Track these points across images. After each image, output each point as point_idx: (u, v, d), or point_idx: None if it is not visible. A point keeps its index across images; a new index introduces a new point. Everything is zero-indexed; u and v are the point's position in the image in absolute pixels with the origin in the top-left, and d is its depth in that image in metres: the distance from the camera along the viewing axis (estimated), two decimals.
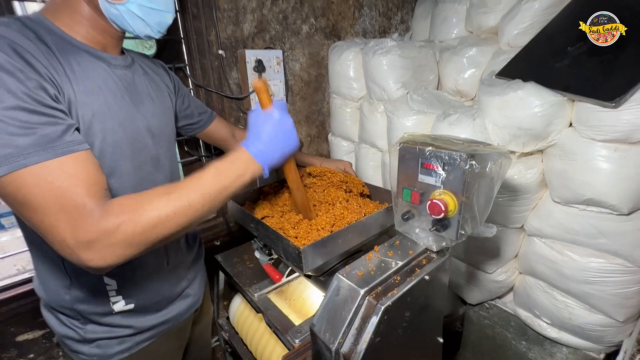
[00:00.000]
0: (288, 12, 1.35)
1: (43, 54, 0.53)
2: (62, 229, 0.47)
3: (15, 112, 0.46)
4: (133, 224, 0.49)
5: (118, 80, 0.65)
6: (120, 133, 0.61)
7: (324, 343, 0.67)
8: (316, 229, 0.77)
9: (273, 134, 0.67)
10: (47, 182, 0.47)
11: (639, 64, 0.78)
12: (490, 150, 0.67)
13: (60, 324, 0.69)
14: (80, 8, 0.61)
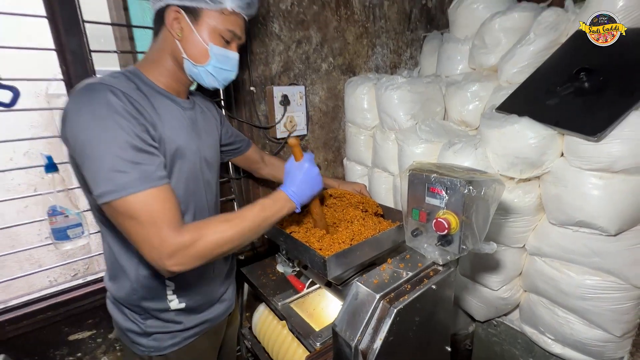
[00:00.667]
0: (310, 53, 1.55)
1: (143, 100, 0.70)
2: (154, 242, 0.62)
3: (126, 149, 0.62)
4: (204, 243, 0.65)
5: (188, 119, 0.82)
6: (189, 163, 0.78)
7: (344, 340, 0.78)
8: (337, 243, 0.90)
9: (304, 180, 0.85)
10: (147, 205, 0.62)
11: (616, 106, 0.90)
12: (486, 177, 0.80)
13: (125, 319, 0.83)
14: (168, 64, 0.79)
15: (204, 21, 0.76)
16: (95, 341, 1.21)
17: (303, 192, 0.85)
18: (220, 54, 0.79)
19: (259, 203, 0.79)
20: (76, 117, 0.65)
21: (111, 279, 0.83)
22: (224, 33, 0.78)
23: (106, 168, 0.61)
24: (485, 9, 1.53)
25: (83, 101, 0.65)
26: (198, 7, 0.74)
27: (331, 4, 1.56)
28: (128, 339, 0.84)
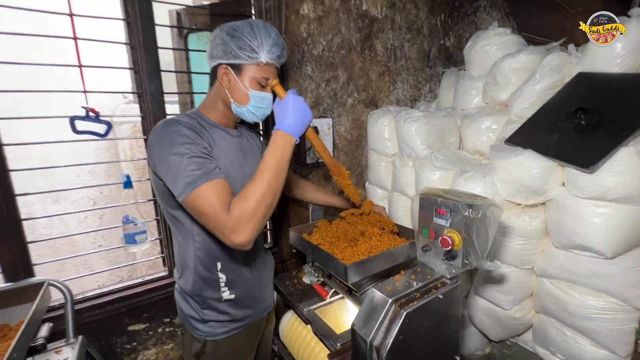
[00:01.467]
0: (337, 90, 1.77)
1: (202, 131, 0.93)
2: (221, 222, 0.80)
3: (194, 158, 0.84)
4: (247, 208, 0.81)
5: (236, 144, 1.04)
6: (238, 180, 0.98)
7: (361, 337, 0.92)
8: (357, 254, 1.05)
9: (292, 113, 0.93)
10: (210, 192, 0.81)
11: (607, 142, 1.02)
12: (485, 202, 0.94)
13: (188, 307, 1.02)
14: (220, 106, 1.03)
15: (245, 73, 0.99)
16: (148, 333, 1.41)
17: (295, 123, 0.93)
18: (257, 96, 1.01)
19: (266, 153, 0.90)
20: (158, 143, 0.88)
21: (179, 274, 1.04)
22: (260, 80, 1.00)
23: (180, 175, 0.83)
24: (497, 50, 1.69)
25: (163, 132, 0.89)
26: (241, 63, 0.98)
27: (357, 48, 1.80)
28: (189, 324, 1.03)
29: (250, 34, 0.96)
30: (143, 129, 1.38)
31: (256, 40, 0.96)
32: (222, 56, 0.97)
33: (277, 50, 0.99)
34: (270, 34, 0.98)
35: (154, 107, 1.30)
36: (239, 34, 0.96)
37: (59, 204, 2.68)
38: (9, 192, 1.11)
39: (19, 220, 1.15)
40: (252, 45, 0.95)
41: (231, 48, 0.96)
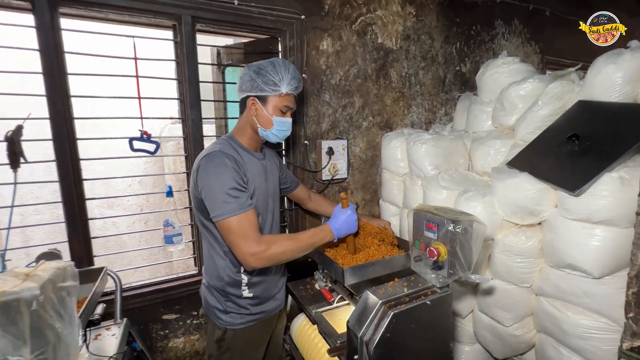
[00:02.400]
0: (353, 114, 1.95)
1: (238, 157, 1.14)
2: (243, 247, 1.02)
3: (232, 190, 1.05)
4: (272, 251, 1.04)
5: (261, 166, 1.25)
6: (262, 197, 1.19)
7: (354, 333, 1.04)
8: (355, 260, 1.19)
9: (344, 222, 1.22)
10: (239, 223, 1.03)
11: (593, 167, 1.09)
12: (469, 218, 1.05)
13: (214, 299, 1.22)
14: (249, 131, 1.24)
15: (269, 103, 1.20)
16: (178, 323, 1.63)
17: (341, 229, 1.22)
18: (279, 121, 1.21)
19: (311, 230, 1.18)
20: (205, 172, 1.10)
21: (208, 272, 1.24)
22: (282, 108, 1.21)
23: (219, 200, 1.04)
24: (506, 77, 1.79)
25: (209, 162, 1.11)
26: (265, 95, 1.19)
27: (372, 76, 1.98)
28: (213, 314, 1.23)
29: (273, 71, 1.18)
30: (184, 148, 1.65)
31: (277, 75, 1.18)
32: (250, 90, 1.20)
33: (295, 82, 1.21)
34: (288, 70, 1.20)
35: (193, 130, 1.56)
36: (263, 72, 1.18)
37: (113, 209, 3.09)
38: (81, 197, 1.41)
39: (87, 219, 1.43)
40: (274, 80, 1.17)
41: (257, 83, 1.18)
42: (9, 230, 1.29)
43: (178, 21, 1.48)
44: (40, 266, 0.67)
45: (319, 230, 1.18)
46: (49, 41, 1.26)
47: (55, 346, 0.61)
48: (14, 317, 0.56)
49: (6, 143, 1.24)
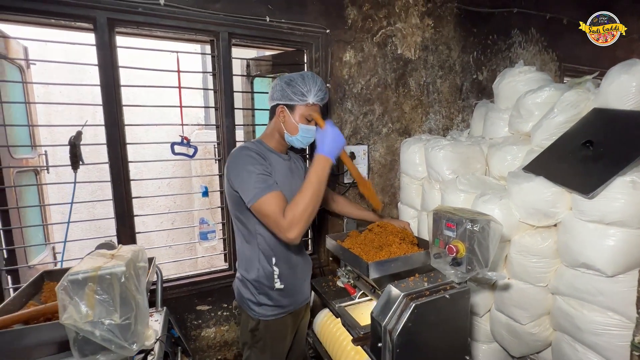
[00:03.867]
0: (373, 121, 2.06)
1: (264, 155, 1.27)
2: (279, 222, 1.11)
3: (260, 175, 1.17)
4: (297, 213, 1.11)
5: (286, 167, 1.37)
6: (287, 194, 1.29)
7: (377, 322, 1.14)
8: (379, 257, 1.29)
9: (331, 140, 1.22)
10: (270, 201, 1.13)
11: (606, 171, 1.15)
12: (485, 218, 1.13)
13: (247, 292, 1.33)
14: (276, 136, 1.37)
15: (296, 111, 1.32)
16: (210, 314, 1.76)
17: (332, 148, 1.22)
18: (304, 128, 1.33)
19: (310, 172, 1.19)
20: (234, 163, 1.23)
21: (243, 266, 1.36)
22: (307, 116, 1.32)
23: (250, 185, 1.16)
24: (523, 86, 1.85)
25: (239, 155, 1.24)
26: (294, 104, 1.31)
27: (392, 85, 2.08)
28: (247, 306, 1.34)
29: (302, 82, 1.30)
30: (218, 152, 1.79)
31: (306, 87, 1.30)
32: (281, 99, 1.33)
33: (321, 94, 1.32)
34: (316, 82, 1.32)
35: (227, 135, 1.70)
36: (293, 83, 1.31)
37: (143, 210, 3.29)
38: (129, 196, 1.56)
39: (133, 216, 1.59)
40: (302, 91, 1.29)
41: (287, 93, 1.31)
42: (68, 225, 1.45)
43: (216, 37, 1.63)
44: (121, 249, 0.80)
45: (314, 165, 1.20)
46: (107, 57, 1.43)
47: (136, 314, 0.73)
48: (107, 288, 0.69)
49: (69, 147, 1.41)
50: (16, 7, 1.29)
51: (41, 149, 1.79)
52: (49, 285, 1.13)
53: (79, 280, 0.67)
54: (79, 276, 0.67)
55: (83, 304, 0.66)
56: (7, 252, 1.45)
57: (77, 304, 0.66)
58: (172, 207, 3.41)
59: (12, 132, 1.57)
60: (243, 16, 1.63)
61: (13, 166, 1.52)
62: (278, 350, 1.36)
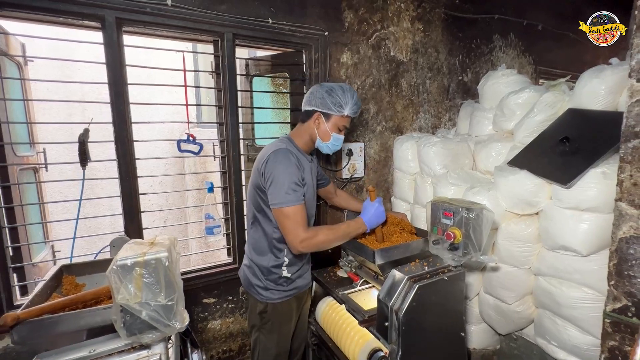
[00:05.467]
0: (368, 119, 2.17)
1: (298, 160, 1.34)
2: (295, 234, 1.21)
3: (293, 185, 1.25)
4: (317, 239, 1.24)
5: (310, 168, 1.45)
6: (311, 193, 1.39)
7: (384, 303, 1.24)
8: (382, 245, 1.40)
9: (374, 215, 1.42)
10: (294, 212, 1.22)
11: (581, 164, 1.31)
12: (479, 206, 1.26)
13: (255, 278, 1.41)
14: (306, 138, 1.44)
15: (331, 120, 1.41)
16: (216, 307, 1.81)
17: (372, 221, 1.42)
18: (336, 137, 1.43)
19: (347, 222, 1.39)
20: (273, 163, 1.29)
21: (254, 254, 1.43)
22: (340, 127, 1.43)
23: (283, 191, 1.24)
24: (505, 87, 2.01)
25: (278, 156, 1.30)
26: (330, 113, 1.40)
27: (385, 86, 2.20)
28: (255, 291, 1.42)
29: (342, 94, 1.39)
30: (221, 150, 1.84)
31: (344, 99, 1.39)
32: (319, 106, 1.40)
33: (356, 108, 1.44)
34: (353, 97, 1.42)
35: (232, 133, 1.76)
36: (334, 94, 1.39)
37: None
38: (136, 192, 1.59)
39: (140, 212, 1.62)
40: (341, 103, 1.39)
41: (326, 102, 1.38)
42: (77, 221, 1.47)
43: (220, 37, 1.68)
44: (157, 237, 0.86)
45: (353, 222, 1.39)
46: (115, 55, 1.46)
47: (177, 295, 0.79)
48: (152, 272, 0.75)
49: (78, 144, 1.43)
50: (25, 5, 1.29)
51: (40, 147, 1.78)
52: (67, 279, 1.16)
53: (128, 265, 0.73)
54: (127, 261, 0.73)
55: (131, 286, 0.72)
56: (12, 249, 1.45)
57: (126, 287, 0.71)
58: (164, 205, 3.39)
59: (13, 130, 1.56)
60: (247, 18, 1.68)
61: (17, 163, 1.51)
62: (285, 331, 1.45)
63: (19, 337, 0.78)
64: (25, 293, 1.52)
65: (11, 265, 1.41)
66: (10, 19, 1.36)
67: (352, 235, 1.39)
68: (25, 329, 0.79)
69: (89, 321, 0.83)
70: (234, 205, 1.81)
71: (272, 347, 1.43)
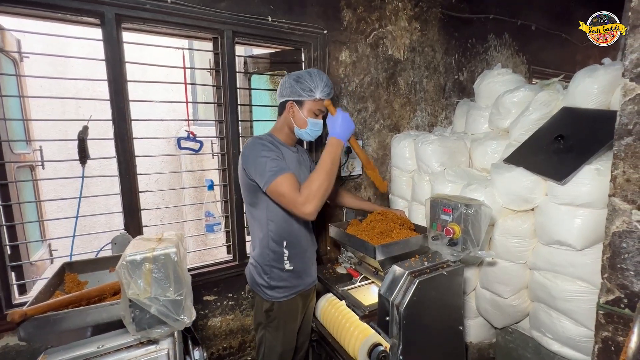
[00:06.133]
0: (367, 118, 2.19)
1: (276, 146, 1.35)
2: (294, 201, 1.19)
3: (274, 160, 1.25)
4: (312, 190, 1.19)
5: (295, 158, 1.46)
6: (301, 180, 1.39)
7: (385, 298, 1.26)
8: (383, 241, 1.42)
9: (342, 125, 1.34)
10: (284, 181, 1.21)
11: (576, 161, 1.34)
12: (477, 202, 1.29)
13: (260, 277, 1.41)
14: (286, 130, 1.45)
15: (305, 106, 1.41)
16: (216, 304, 1.82)
17: (344, 132, 1.33)
18: (312, 122, 1.42)
19: (324, 153, 1.29)
20: (250, 151, 1.30)
21: (255, 251, 1.44)
22: (315, 111, 1.42)
23: (265, 169, 1.23)
24: (500, 86, 2.05)
25: (253, 145, 1.31)
26: (302, 99, 1.40)
27: (383, 84, 2.22)
28: (260, 289, 1.42)
29: (309, 79, 1.39)
30: (220, 147, 1.84)
31: (313, 83, 1.39)
32: (290, 95, 1.41)
33: (327, 89, 1.41)
34: (322, 79, 1.41)
35: (232, 130, 1.76)
36: (302, 80, 1.40)
37: None
38: (136, 190, 1.59)
39: (140, 210, 1.61)
40: (310, 87, 1.38)
41: (296, 90, 1.39)
42: (77, 219, 1.46)
43: (220, 35, 1.68)
44: (164, 233, 0.86)
45: (327, 147, 1.30)
46: (114, 52, 1.45)
47: (185, 290, 0.80)
48: (161, 268, 0.75)
49: (77, 141, 1.42)
50: (24, 0, 1.28)
51: (36, 144, 1.76)
52: (69, 277, 1.16)
53: (137, 261, 0.73)
54: (136, 257, 0.73)
55: (141, 281, 0.72)
56: (10, 248, 1.43)
57: (136, 282, 0.72)
58: (160, 204, 3.37)
59: (10, 128, 1.54)
60: (247, 15, 1.68)
61: (14, 161, 1.50)
62: (290, 329, 1.46)
63: (25, 333, 0.78)
64: (23, 292, 1.50)
65: (9, 264, 1.40)
66: (7, 15, 1.34)
67: (338, 157, 1.29)
68: (32, 326, 0.79)
69: (95, 317, 0.83)
70: (233, 202, 1.81)
71: (278, 344, 1.44)
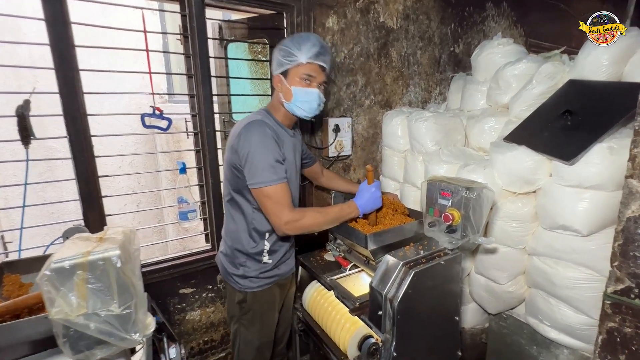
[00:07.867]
0: (356, 93, 2.00)
1: (276, 131, 1.18)
2: (278, 215, 1.07)
3: (274, 161, 1.10)
4: (304, 221, 1.11)
5: (292, 143, 1.29)
6: (292, 171, 1.24)
7: (378, 292, 1.15)
8: (375, 229, 1.29)
9: (369, 199, 1.30)
10: (276, 192, 1.08)
11: (585, 139, 1.22)
12: (479, 185, 1.16)
13: (233, 267, 1.28)
14: (281, 108, 1.27)
15: (290, 75, 1.22)
16: (194, 297, 1.68)
17: (367, 206, 1.30)
18: (299, 91, 1.20)
19: (339, 206, 1.26)
20: (247, 140, 1.12)
21: (230, 239, 1.29)
22: (301, 77, 1.20)
23: (261, 169, 1.08)
24: (500, 58, 1.89)
25: (252, 130, 1.13)
26: (286, 69, 1.21)
27: (374, 55, 2.03)
28: (233, 280, 1.29)
29: (290, 43, 1.20)
30: (194, 125, 1.64)
31: (295, 46, 1.18)
32: (277, 68, 1.23)
33: (315, 49, 1.18)
34: (309, 39, 1.20)
35: (205, 107, 1.56)
36: (283, 47, 1.20)
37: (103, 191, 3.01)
38: (95, 175, 1.39)
39: (101, 197, 1.42)
40: (291, 51, 1.19)
41: (280, 60, 1.20)
42: (23, 209, 1.26)
43: None
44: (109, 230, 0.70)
45: (346, 206, 1.27)
46: (55, 10, 1.20)
47: (136, 301, 0.65)
48: (100, 276, 0.59)
49: (17, 118, 1.20)
50: None
51: None
52: (9, 278, 0.98)
53: (66, 268, 0.57)
54: (64, 264, 0.57)
55: (73, 295, 0.56)
56: None
57: (65, 296, 0.56)
58: (136, 188, 3.15)
59: None
60: None
61: None
62: (267, 321, 1.35)
63: None
64: None
65: None
66: None
67: (343, 220, 1.27)
68: None
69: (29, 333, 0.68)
70: (210, 187, 1.64)
71: (254, 338, 1.32)
